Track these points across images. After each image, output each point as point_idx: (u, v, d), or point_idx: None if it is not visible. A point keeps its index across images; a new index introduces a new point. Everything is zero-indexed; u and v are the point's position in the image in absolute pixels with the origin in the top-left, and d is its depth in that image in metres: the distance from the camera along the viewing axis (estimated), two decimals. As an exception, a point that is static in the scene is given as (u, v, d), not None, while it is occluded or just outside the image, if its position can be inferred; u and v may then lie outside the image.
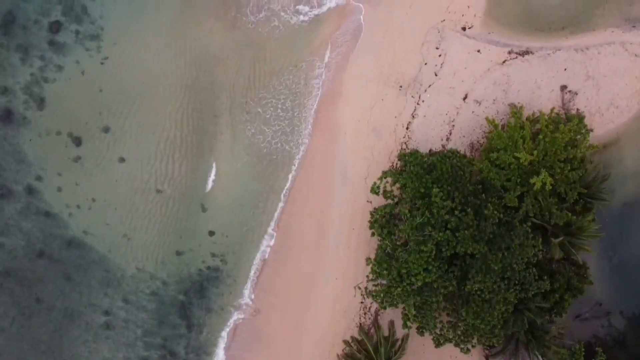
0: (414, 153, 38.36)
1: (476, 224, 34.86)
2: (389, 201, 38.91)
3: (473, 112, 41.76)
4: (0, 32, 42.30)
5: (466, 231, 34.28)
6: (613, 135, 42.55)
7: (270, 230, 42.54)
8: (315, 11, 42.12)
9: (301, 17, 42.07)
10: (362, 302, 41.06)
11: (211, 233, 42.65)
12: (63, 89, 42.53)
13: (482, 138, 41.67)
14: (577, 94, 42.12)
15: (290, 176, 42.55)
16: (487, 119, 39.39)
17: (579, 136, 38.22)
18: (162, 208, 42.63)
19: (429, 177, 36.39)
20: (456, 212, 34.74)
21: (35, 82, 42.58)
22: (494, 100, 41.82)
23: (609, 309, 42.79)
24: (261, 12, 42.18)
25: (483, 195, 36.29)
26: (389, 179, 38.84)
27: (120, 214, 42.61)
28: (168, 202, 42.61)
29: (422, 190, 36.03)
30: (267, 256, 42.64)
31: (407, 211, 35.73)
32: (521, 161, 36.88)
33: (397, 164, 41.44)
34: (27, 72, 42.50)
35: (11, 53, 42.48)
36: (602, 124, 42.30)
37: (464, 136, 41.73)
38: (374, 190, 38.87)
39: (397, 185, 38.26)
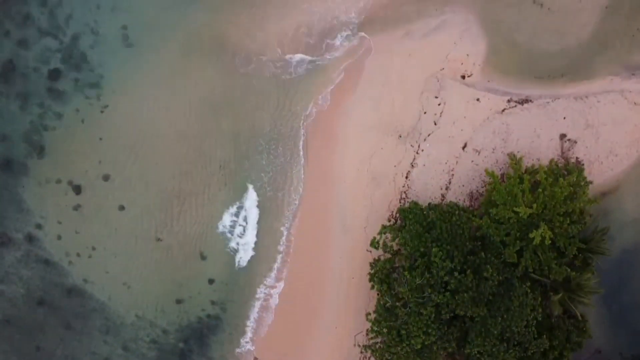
0: (414, 208, 38.32)
1: (475, 285, 34.93)
2: (387, 254, 38.96)
3: (472, 161, 41.79)
4: (0, 80, 42.35)
5: (465, 294, 34.35)
6: (612, 182, 42.56)
7: (269, 279, 42.57)
8: (310, 64, 42.20)
9: (292, 69, 42.15)
10: (362, 352, 41.08)
11: (211, 281, 42.72)
12: (63, 137, 42.61)
13: (482, 187, 41.71)
14: (576, 143, 42.15)
15: (287, 225, 42.57)
16: (486, 171, 39.41)
17: (578, 189, 38.18)
18: (162, 256, 42.69)
19: (429, 236, 36.44)
20: (455, 274, 34.80)
21: (35, 130, 42.66)
22: (493, 149, 41.86)
23: (608, 356, 42.82)
24: (250, 64, 42.20)
25: (482, 253, 36.32)
26: (389, 235, 38.88)
27: (120, 262, 42.70)
28: (168, 251, 42.66)
29: (422, 249, 36.11)
30: (266, 305, 42.66)
31: (406, 271, 35.76)
32: (520, 215, 36.90)
33: (396, 213, 41.52)
34: (27, 119, 42.58)
35: (10, 101, 42.58)
36: (601, 172, 42.31)
37: (463, 185, 41.77)
38: (374, 244, 38.95)
39: (397, 240, 38.31)
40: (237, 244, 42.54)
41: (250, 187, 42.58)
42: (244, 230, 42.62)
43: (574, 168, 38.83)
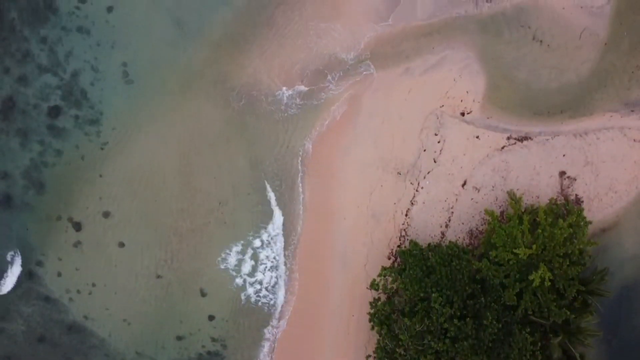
0: (413, 250, 38.33)
1: (475, 332, 34.97)
2: (382, 295, 39.01)
3: (472, 199, 41.84)
4: (0, 117, 42.41)
5: (465, 342, 34.41)
6: (612, 219, 42.59)
7: (274, 318, 42.62)
8: (307, 100, 42.37)
9: (289, 105, 42.27)
10: (362, 391, 41.15)
11: (211, 318, 42.75)
12: (63, 173, 42.68)
13: (482, 224, 41.76)
14: (576, 180, 42.19)
15: (287, 263, 42.65)
16: (486, 211, 39.45)
17: (577, 229, 38.20)
18: (161, 293, 42.76)
19: (429, 281, 36.49)
20: (455, 320, 34.85)
21: (35, 167, 42.72)
22: (492, 187, 41.91)
23: (608, 392, 42.92)
24: (246, 100, 42.31)
25: (482, 298, 36.35)
26: (389, 278, 38.93)
27: (120, 299, 42.74)
28: (168, 287, 42.71)
29: (422, 294, 36.16)
30: (267, 340, 42.70)
31: (406, 318, 35.79)
32: (520, 256, 36.94)
33: (396, 251, 41.60)
34: (27, 156, 42.65)
35: (11, 138, 42.64)
36: (600, 209, 42.35)
37: (463, 223, 41.82)
38: (374, 286, 38.99)
39: (397, 283, 38.36)
40: (244, 281, 42.50)
41: (256, 224, 42.55)
42: (253, 269, 42.50)
43: (574, 209, 38.83)
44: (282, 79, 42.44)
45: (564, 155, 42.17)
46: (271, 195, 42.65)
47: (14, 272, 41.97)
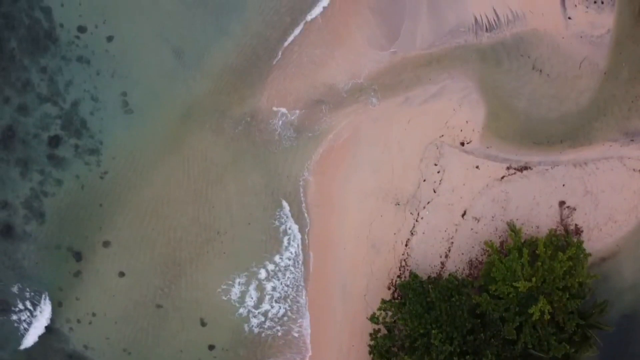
0: (413, 284, 38.33)
1: (475, 370, 35.12)
2: (379, 327, 39.11)
3: (472, 229, 41.91)
4: (0, 146, 42.42)
5: (465, 379, 34.56)
6: (611, 248, 42.70)
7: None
8: (305, 129, 42.45)
9: (287, 134, 42.39)
10: (362, 423, 41.22)
11: (211, 347, 42.77)
12: (63, 203, 42.65)
13: (482, 255, 41.83)
14: (575, 210, 42.26)
15: (296, 294, 42.72)
16: (486, 243, 39.54)
17: (577, 262, 38.24)
18: (161, 322, 42.74)
19: (429, 317, 36.52)
20: (455, 358, 34.90)
21: (35, 197, 42.73)
22: (492, 217, 41.96)
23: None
24: (245, 129, 42.37)
25: (482, 334, 36.39)
26: (389, 312, 38.98)
27: (120, 328, 42.74)
28: (168, 317, 42.72)
29: (422, 330, 36.20)
30: (270, 371, 42.87)
31: (406, 356, 35.86)
32: (519, 290, 36.99)
33: (396, 280, 41.65)
34: (27, 186, 42.65)
35: (11, 167, 42.64)
36: (600, 238, 42.47)
37: (462, 253, 41.88)
38: (374, 320, 39.02)
39: (397, 317, 38.43)
40: (248, 312, 42.46)
41: (259, 255, 42.56)
42: (259, 300, 42.46)
43: (573, 241, 38.86)
44: (281, 108, 42.42)
45: (563, 185, 42.23)
46: (276, 225, 42.60)
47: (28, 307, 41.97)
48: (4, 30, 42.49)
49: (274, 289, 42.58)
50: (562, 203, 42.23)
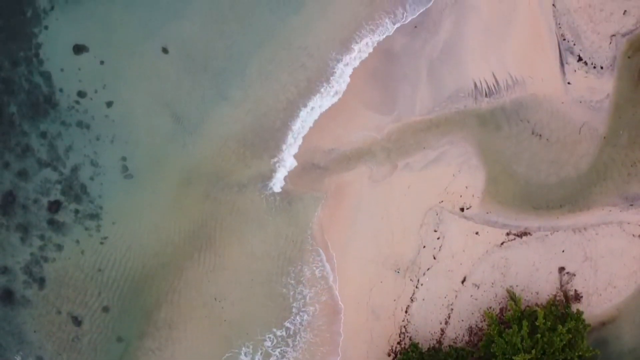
0: (413, 355, 38.40)
1: None
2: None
3: (471, 295, 41.95)
4: (0, 212, 42.45)
5: None
6: (611, 313, 42.79)
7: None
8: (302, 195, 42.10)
9: (282, 201, 42.20)
10: None
11: (211, 412, 42.87)
12: (63, 268, 42.62)
13: (481, 321, 41.87)
14: (575, 275, 42.34)
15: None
16: (485, 313, 39.62)
17: (577, 334, 38.33)
18: (162, 388, 42.84)
19: (429, 394, 36.71)
20: None
21: (35, 262, 42.74)
22: (492, 283, 42.03)
23: None
24: (240, 195, 42.34)
25: (481, 414, 36.58)
26: (389, 386, 39.13)
27: (119, 395, 42.86)
28: (168, 383, 42.82)
29: (422, 409, 36.41)
30: None
31: None
32: (519, 362, 37.12)
33: (396, 347, 41.70)
34: (27, 251, 42.63)
35: (11, 233, 42.63)
36: (600, 303, 42.56)
37: (462, 320, 41.93)
38: (373, 393, 39.13)
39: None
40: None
41: (263, 322, 42.43)
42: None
43: (573, 313, 38.94)
44: (281, 173, 42.42)
45: (563, 251, 42.31)
46: (280, 291, 42.57)
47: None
48: (4, 95, 42.52)
49: (282, 355, 42.48)
50: (561, 269, 42.31)
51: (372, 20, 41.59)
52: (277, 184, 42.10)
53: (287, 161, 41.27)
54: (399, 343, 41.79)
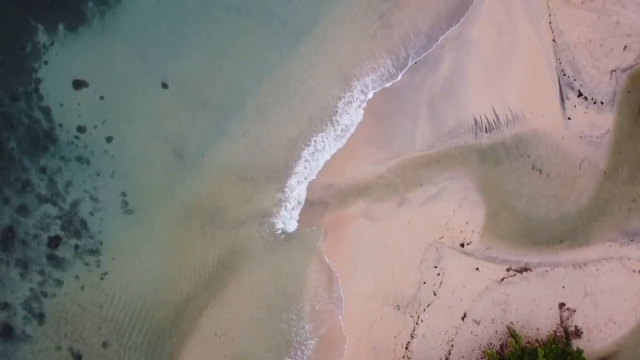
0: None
1: None
2: None
3: (472, 332, 41.90)
4: (0, 247, 42.39)
5: None
6: (611, 348, 42.73)
7: None
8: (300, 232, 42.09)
9: (281, 239, 42.17)
10: None
11: None
12: (62, 304, 42.56)
13: (481, 358, 41.80)
14: (575, 311, 42.29)
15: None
16: (486, 352, 39.57)
17: (577, 372, 38.41)
18: None
19: None
20: None
21: (35, 298, 42.68)
22: (492, 320, 41.98)
23: None
24: (238, 227, 42.19)
25: None
26: None
27: None
28: (168, 418, 42.80)
29: None
30: None
31: None
32: (520, 402, 37.13)
33: (396, 384, 41.76)
34: (27, 287, 42.58)
35: (11, 268, 42.58)
36: (600, 339, 42.50)
37: (462, 357, 41.88)
38: None
39: None
40: None
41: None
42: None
43: (574, 353, 38.92)
44: (281, 210, 42.41)
45: (563, 287, 42.26)
46: (281, 328, 42.54)
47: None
48: (4, 130, 42.49)
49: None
50: (562, 305, 42.26)
51: (372, 57, 41.63)
52: (278, 221, 42.06)
53: (290, 201, 41.36)
54: (399, 379, 41.81)
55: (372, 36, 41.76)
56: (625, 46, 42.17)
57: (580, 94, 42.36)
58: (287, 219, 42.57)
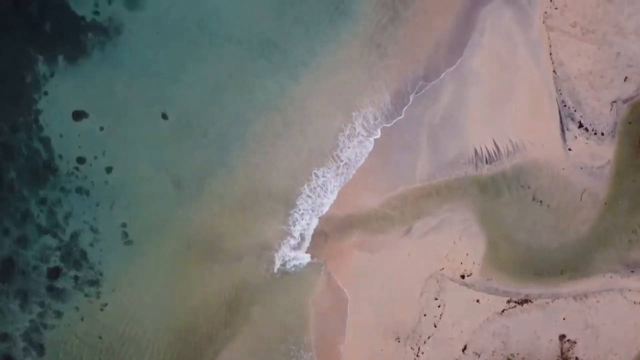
0: None
1: None
2: None
3: (472, 364, 41.91)
4: (0, 278, 42.36)
5: None
6: (612, 379, 42.66)
7: None
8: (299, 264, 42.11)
9: (281, 271, 42.17)
10: None
11: None
12: (62, 335, 42.51)
13: (481, 391, 41.82)
14: (576, 343, 42.21)
15: None
16: (486, 386, 39.55)
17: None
18: None
19: None
20: None
21: (35, 329, 42.62)
22: (493, 351, 41.90)
23: None
24: (238, 259, 42.19)
25: None
26: None
27: None
28: None
29: None
30: None
31: None
32: None
33: (396, 416, 41.65)
34: (27, 318, 42.52)
35: (10, 299, 42.52)
36: (601, 371, 42.44)
37: (463, 389, 41.88)
38: None
39: None
40: None
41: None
42: None
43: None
44: (281, 242, 42.38)
45: (564, 319, 42.18)
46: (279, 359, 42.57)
47: None
48: (3, 161, 42.43)
49: None
50: (562, 336, 42.18)
51: (372, 89, 41.61)
52: (278, 255, 42.07)
53: (293, 236, 41.51)
54: (399, 412, 41.69)
55: (371, 68, 41.79)
56: (626, 77, 42.09)
57: (580, 125, 42.29)
58: (287, 252, 42.51)
